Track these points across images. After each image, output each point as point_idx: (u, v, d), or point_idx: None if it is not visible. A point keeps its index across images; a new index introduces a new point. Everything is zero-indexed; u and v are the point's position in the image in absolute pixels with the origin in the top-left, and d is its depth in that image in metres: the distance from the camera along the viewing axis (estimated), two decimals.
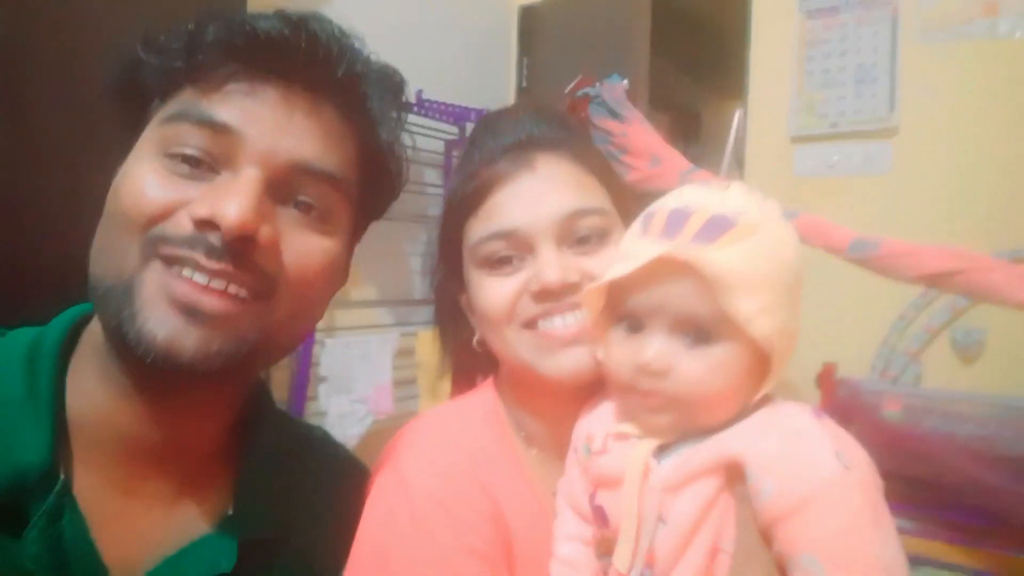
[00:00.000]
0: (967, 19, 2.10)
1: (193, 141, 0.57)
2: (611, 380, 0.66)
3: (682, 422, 0.61)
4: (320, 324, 1.95)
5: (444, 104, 2.40)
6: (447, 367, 0.88)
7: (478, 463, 0.74)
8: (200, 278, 0.57)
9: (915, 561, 1.75)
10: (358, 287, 2.13)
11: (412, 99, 2.31)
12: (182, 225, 0.56)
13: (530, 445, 0.79)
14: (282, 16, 0.60)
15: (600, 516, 0.65)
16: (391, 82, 0.69)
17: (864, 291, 1.97)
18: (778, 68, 2.36)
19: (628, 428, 0.64)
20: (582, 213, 0.73)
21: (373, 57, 0.68)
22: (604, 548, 0.65)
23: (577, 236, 0.73)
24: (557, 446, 0.75)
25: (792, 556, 0.55)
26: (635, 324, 0.62)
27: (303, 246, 0.61)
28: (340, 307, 2.06)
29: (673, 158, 1.91)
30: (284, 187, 0.60)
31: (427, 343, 2.22)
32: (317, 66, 0.61)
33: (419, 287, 2.57)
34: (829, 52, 2.31)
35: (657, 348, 0.60)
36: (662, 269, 0.59)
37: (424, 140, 2.50)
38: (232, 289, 0.58)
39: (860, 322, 2.05)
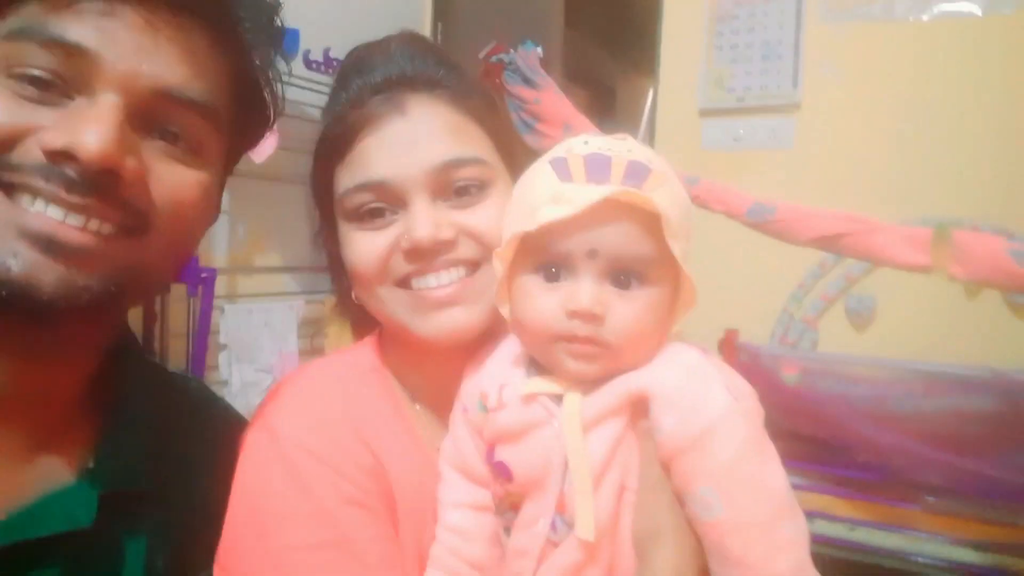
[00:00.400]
0: (867, 0, 2.18)
1: (40, 61, 0.52)
2: (531, 332, 0.62)
3: (609, 368, 0.60)
4: (221, 290, 1.87)
5: None
6: (347, 322, 0.83)
7: (356, 416, 0.70)
8: (55, 212, 0.52)
9: (809, 515, 1.83)
10: (261, 253, 2.05)
11: (321, 58, 2.24)
12: (32, 153, 0.51)
13: (414, 400, 0.76)
14: None
15: (503, 471, 0.63)
16: (264, 4, 0.64)
17: (764, 261, 2.04)
18: (689, 42, 2.40)
19: (543, 384, 0.62)
20: (459, 163, 0.67)
21: None
22: (508, 503, 0.64)
23: (454, 188, 0.68)
24: (443, 401, 0.72)
25: (689, 488, 0.56)
26: (554, 272, 0.60)
27: (172, 179, 0.57)
28: (242, 273, 1.98)
29: (585, 127, 1.92)
30: (148, 115, 0.55)
31: (335, 311, 2.16)
32: None
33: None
34: (738, 28, 2.36)
35: (593, 292, 0.58)
36: (598, 212, 0.56)
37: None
38: (93, 225, 0.53)
39: (760, 291, 2.12)
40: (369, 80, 0.70)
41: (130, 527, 0.62)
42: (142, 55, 0.54)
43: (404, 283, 0.68)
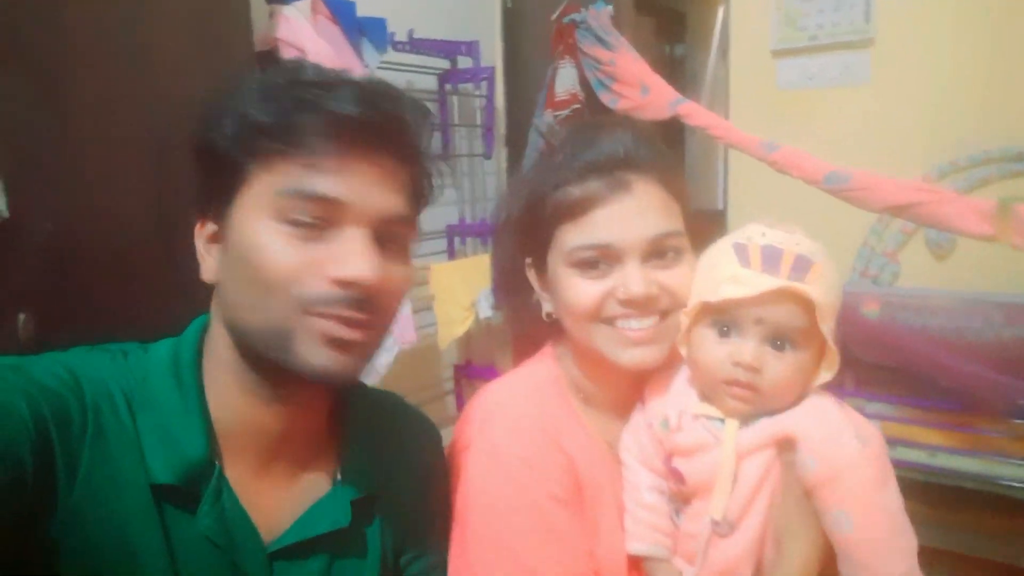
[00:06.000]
0: None
1: (310, 211, 0.70)
2: (703, 371, 0.81)
3: (759, 408, 0.79)
4: None
5: (435, 41, 2.47)
6: (509, 327, 1.02)
7: (550, 423, 0.90)
8: (344, 325, 0.72)
9: (893, 442, 1.96)
10: None
11: (406, 39, 2.38)
12: (320, 286, 0.70)
13: (587, 404, 0.94)
14: (356, 94, 0.71)
15: (678, 477, 0.83)
16: (425, 119, 0.79)
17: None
18: None
19: (709, 409, 0.81)
20: (667, 235, 0.84)
21: (410, 97, 0.79)
22: (681, 497, 0.85)
23: (659, 253, 0.84)
24: (610, 404, 0.92)
25: (827, 510, 0.75)
26: (726, 331, 0.79)
27: (394, 277, 0.75)
28: None
29: (661, 88, 2.00)
30: (378, 235, 0.74)
31: (439, 275, 2.36)
32: (389, 135, 0.73)
33: (425, 220, 2.70)
34: None
35: (755, 351, 0.77)
36: (767, 295, 0.75)
37: (419, 77, 2.57)
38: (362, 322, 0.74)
39: (841, 227, 2.16)
40: (595, 155, 0.86)
41: (369, 522, 0.84)
42: (367, 193, 0.72)
43: (609, 321, 0.85)
